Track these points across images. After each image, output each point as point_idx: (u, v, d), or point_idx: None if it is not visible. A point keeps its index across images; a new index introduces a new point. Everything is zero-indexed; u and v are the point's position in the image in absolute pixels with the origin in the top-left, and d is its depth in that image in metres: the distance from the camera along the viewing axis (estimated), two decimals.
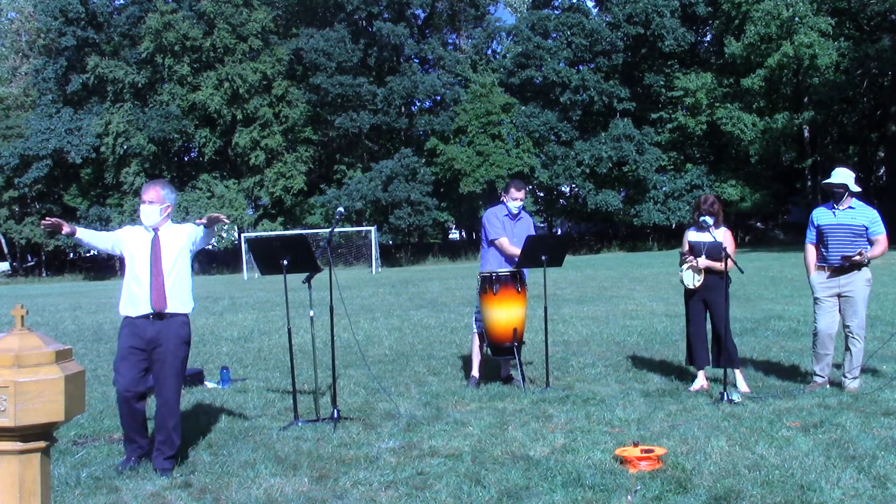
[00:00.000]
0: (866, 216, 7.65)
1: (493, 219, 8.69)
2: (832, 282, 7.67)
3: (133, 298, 5.96)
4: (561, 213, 54.03)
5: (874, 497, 4.80)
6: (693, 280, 7.95)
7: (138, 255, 6.01)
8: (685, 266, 7.98)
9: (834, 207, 7.71)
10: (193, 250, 6.23)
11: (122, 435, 6.10)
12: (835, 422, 6.40)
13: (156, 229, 6.08)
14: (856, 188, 7.68)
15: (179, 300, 6.04)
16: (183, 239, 6.15)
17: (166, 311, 5.95)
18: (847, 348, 7.67)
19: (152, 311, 5.92)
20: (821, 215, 7.82)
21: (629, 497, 4.90)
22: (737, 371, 7.94)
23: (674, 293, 17.06)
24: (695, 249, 8.01)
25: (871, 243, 7.63)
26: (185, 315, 6.08)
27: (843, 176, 7.69)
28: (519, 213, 8.72)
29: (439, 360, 10.44)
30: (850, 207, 7.67)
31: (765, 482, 5.07)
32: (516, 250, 8.43)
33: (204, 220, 6.14)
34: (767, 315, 13.30)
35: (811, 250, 7.91)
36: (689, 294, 8.11)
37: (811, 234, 7.91)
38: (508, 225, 8.66)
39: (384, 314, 16.74)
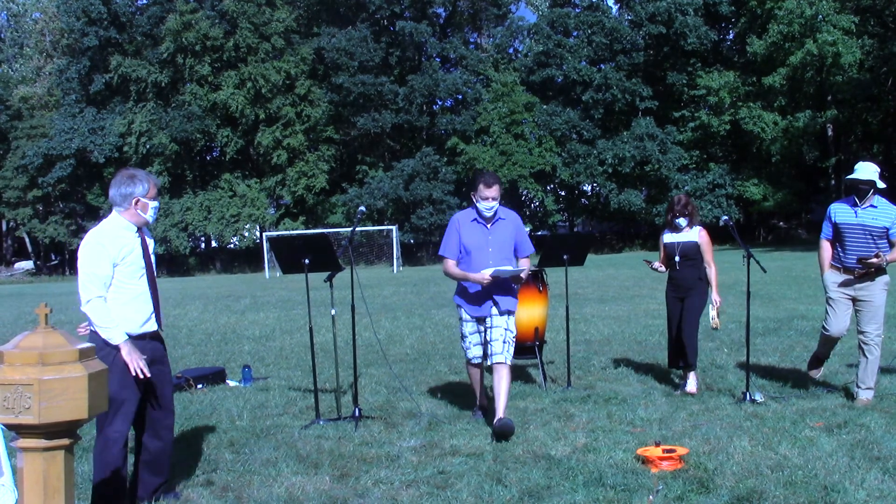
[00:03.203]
0: (889, 216, 7.05)
1: (451, 230, 6.87)
2: (847, 283, 7.19)
3: (136, 314, 4.91)
4: (582, 213, 53.88)
5: None
6: (713, 320, 7.86)
7: (134, 261, 4.93)
8: (712, 310, 7.82)
9: (856, 205, 7.12)
10: None
11: None
12: (859, 422, 6.34)
13: (141, 229, 5.02)
14: (881, 185, 7.09)
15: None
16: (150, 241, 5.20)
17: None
18: (863, 356, 7.15)
19: (158, 328, 5.05)
20: (839, 212, 7.23)
21: (651, 497, 4.88)
22: (693, 372, 7.81)
23: None
24: (668, 250, 7.95)
25: (890, 245, 7.10)
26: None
27: (869, 171, 7.07)
28: (495, 215, 6.76)
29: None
30: (872, 206, 7.07)
31: (788, 483, 5.03)
32: (464, 274, 6.68)
33: None
34: (790, 315, 13.20)
35: (826, 247, 7.35)
36: (670, 295, 8.03)
37: (827, 230, 7.34)
38: (478, 233, 6.76)
39: (405, 313, 16.76)
